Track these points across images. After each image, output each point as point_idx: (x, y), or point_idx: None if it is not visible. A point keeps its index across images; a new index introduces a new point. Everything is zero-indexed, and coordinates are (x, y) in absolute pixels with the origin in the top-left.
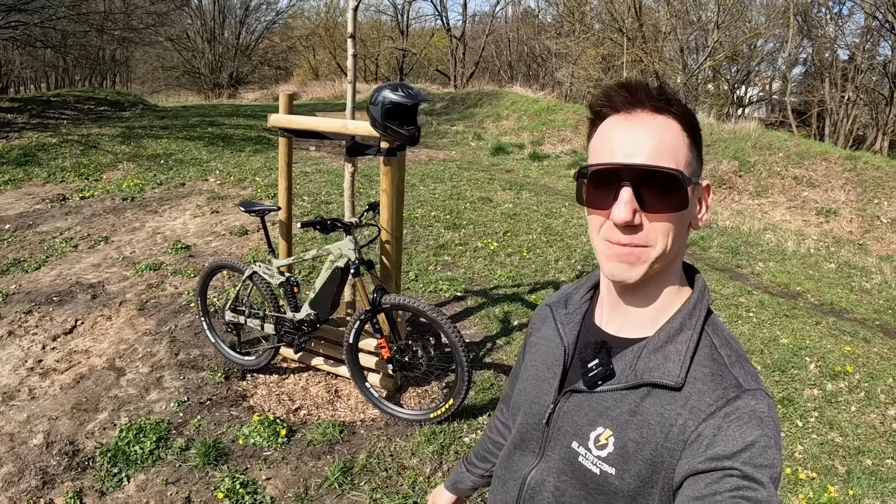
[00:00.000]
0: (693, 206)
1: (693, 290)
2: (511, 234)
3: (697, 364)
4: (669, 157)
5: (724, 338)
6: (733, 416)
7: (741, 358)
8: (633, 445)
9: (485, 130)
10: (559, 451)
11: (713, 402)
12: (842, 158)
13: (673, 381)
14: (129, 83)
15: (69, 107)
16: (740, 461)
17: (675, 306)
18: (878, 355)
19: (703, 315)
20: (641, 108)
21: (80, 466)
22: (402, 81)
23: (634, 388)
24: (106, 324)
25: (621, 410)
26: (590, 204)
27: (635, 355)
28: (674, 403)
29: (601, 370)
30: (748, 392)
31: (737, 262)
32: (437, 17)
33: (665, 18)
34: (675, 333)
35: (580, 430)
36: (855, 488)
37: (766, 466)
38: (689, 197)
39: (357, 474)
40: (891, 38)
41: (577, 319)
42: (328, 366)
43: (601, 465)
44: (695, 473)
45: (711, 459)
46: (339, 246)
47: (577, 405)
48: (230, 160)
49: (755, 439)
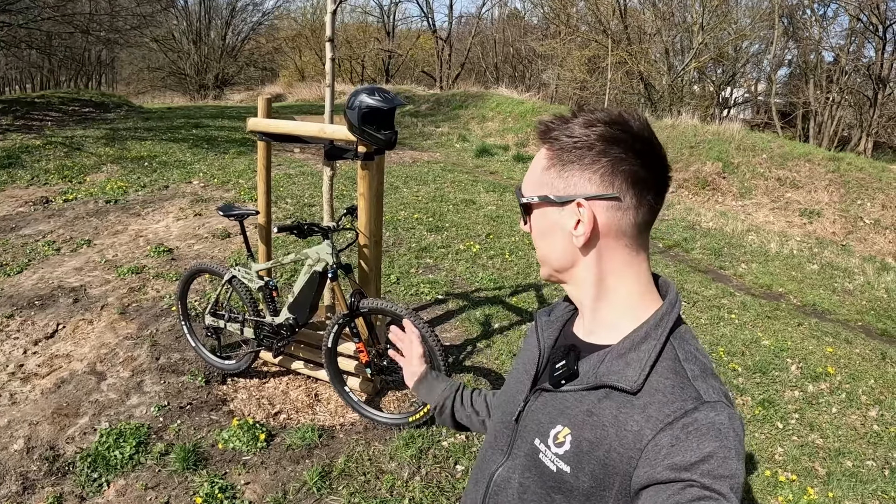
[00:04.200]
0: (558, 224)
1: (664, 301)
2: (494, 237)
3: (658, 374)
4: (527, 184)
5: (689, 351)
6: (691, 427)
7: (705, 372)
8: (587, 445)
9: (469, 132)
10: (524, 448)
11: (671, 413)
12: (825, 160)
13: (629, 386)
14: (115, 84)
15: (54, 108)
16: (698, 473)
17: (643, 318)
18: (860, 356)
19: (668, 327)
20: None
21: (60, 472)
22: (388, 83)
23: (594, 389)
24: (87, 328)
25: (580, 410)
26: None
27: (600, 359)
28: (630, 408)
29: (566, 370)
30: (708, 404)
31: (719, 264)
32: (424, 18)
33: (650, 20)
34: (640, 342)
35: (542, 428)
36: (835, 490)
37: (725, 477)
38: (530, 214)
39: (335, 478)
40: (875, 40)
41: (556, 326)
42: (308, 370)
43: (558, 462)
44: (654, 483)
45: (671, 469)
46: (316, 250)
47: (543, 403)
48: (214, 162)
49: (713, 451)
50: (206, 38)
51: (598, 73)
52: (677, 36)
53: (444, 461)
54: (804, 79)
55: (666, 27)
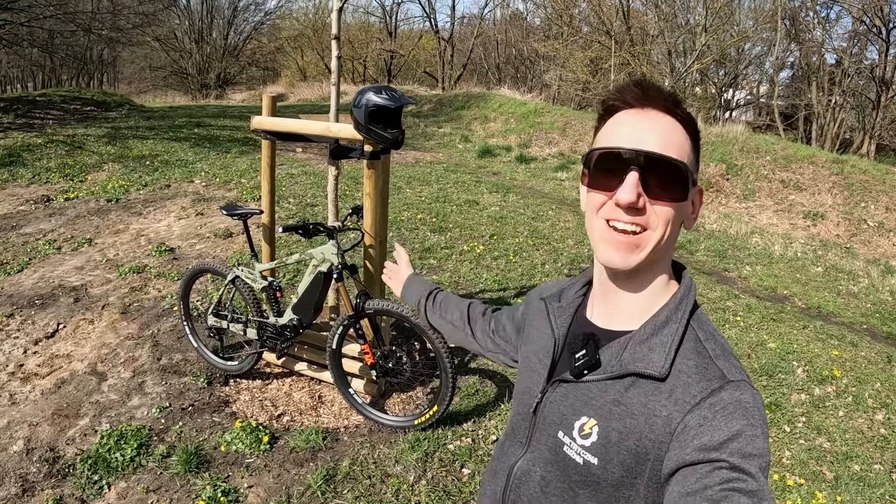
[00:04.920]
0: (689, 204)
1: (680, 285)
2: (497, 238)
3: (682, 357)
4: (675, 150)
5: (709, 332)
6: (718, 406)
7: (725, 351)
8: (616, 435)
9: (472, 132)
10: (545, 441)
11: (698, 394)
12: (829, 162)
13: (657, 372)
14: (117, 83)
15: (55, 107)
16: (728, 451)
17: (663, 301)
18: (866, 359)
19: (688, 309)
20: (652, 106)
21: (60, 473)
22: (389, 83)
23: (619, 377)
24: (88, 328)
25: (605, 400)
26: (593, 184)
27: (622, 346)
28: (658, 394)
29: (587, 360)
30: (732, 383)
31: (724, 266)
32: (426, 18)
33: (653, 22)
34: (661, 326)
35: (565, 420)
36: (843, 494)
37: (754, 456)
38: (689, 192)
39: (340, 482)
40: (878, 42)
41: (569, 313)
42: (312, 371)
43: (584, 454)
44: (684, 465)
45: (699, 450)
46: (321, 250)
47: (564, 395)
48: (216, 161)
49: (741, 429)
50: (208, 38)
51: (601, 74)
52: (680, 37)
53: (450, 464)
54: (806, 81)
55: (669, 29)
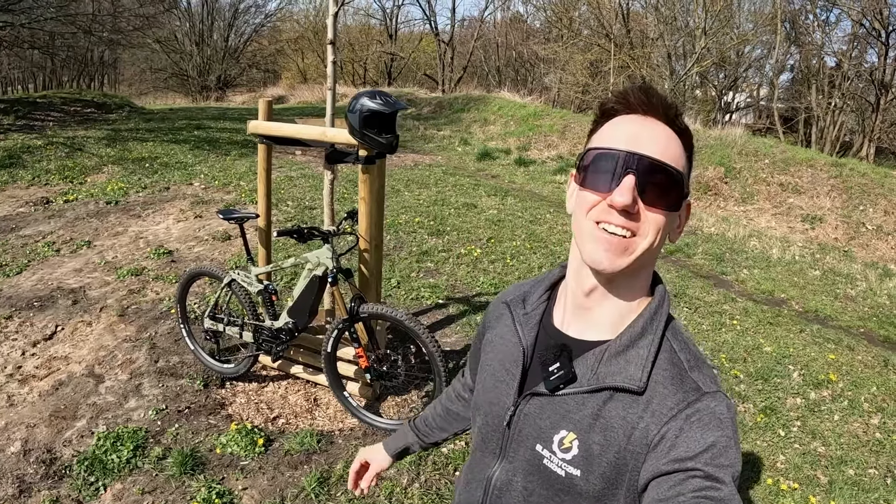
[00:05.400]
0: (678, 216)
1: (654, 296)
2: (495, 241)
3: (658, 368)
4: (673, 160)
5: (683, 342)
6: (694, 417)
7: (699, 361)
8: (597, 448)
9: (471, 135)
10: (523, 454)
11: (674, 406)
12: (827, 165)
13: (635, 386)
14: (117, 85)
15: (55, 108)
16: (702, 461)
17: (638, 311)
18: (863, 363)
19: (663, 319)
20: (654, 114)
21: (56, 475)
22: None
23: (596, 391)
24: (86, 330)
25: (584, 414)
26: (587, 184)
27: (597, 359)
28: (636, 407)
29: (563, 374)
30: (708, 395)
31: (721, 269)
32: (426, 21)
33: (653, 24)
34: (637, 338)
35: (543, 434)
36: (837, 499)
37: (727, 466)
38: (682, 202)
39: (334, 484)
40: (877, 45)
41: (535, 320)
42: (307, 374)
43: (566, 467)
44: (659, 475)
45: (675, 461)
46: (316, 254)
47: (539, 408)
48: (215, 164)
49: (716, 440)
50: (209, 40)
51: (601, 77)
52: (679, 40)
53: (443, 468)
54: (806, 84)
55: (668, 31)
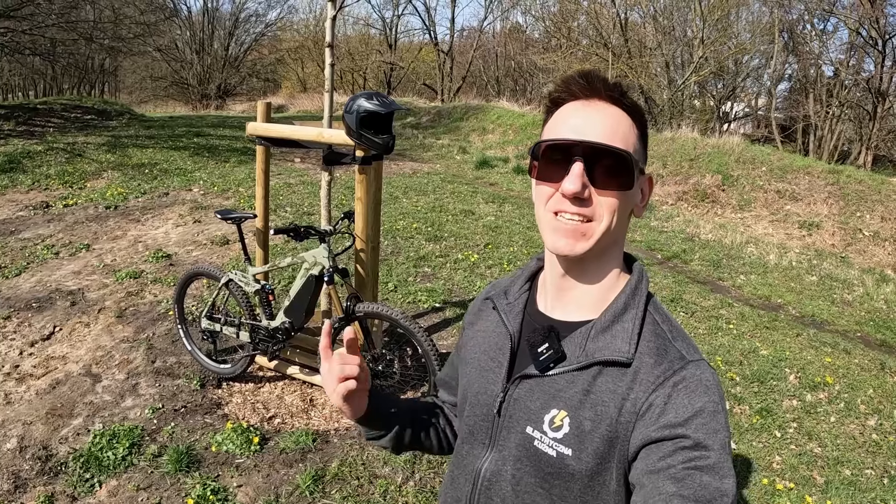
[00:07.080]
0: (636, 193)
1: (632, 273)
2: (492, 247)
3: (643, 340)
4: (620, 140)
5: (664, 315)
6: (681, 385)
7: (680, 333)
8: (588, 424)
9: (470, 144)
10: (514, 439)
11: (661, 374)
12: (824, 172)
13: (624, 358)
14: (118, 92)
15: (56, 115)
16: (692, 427)
17: (618, 289)
18: (859, 366)
19: (644, 294)
20: (598, 97)
21: (52, 471)
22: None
23: (586, 367)
24: (84, 330)
25: (574, 391)
26: (540, 177)
27: (584, 336)
28: (624, 379)
29: (552, 353)
30: (693, 363)
31: (718, 275)
32: (426, 31)
33: (651, 34)
34: (621, 313)
35: (534, 415)
36: (833, 499)
37: (716, 431)
38: (635, 181)
39: (329, 482)
40: (874, 54)
41: (518, 308)
42: (303, 374)
43: (557, 446)
44: (650, 442)
45: (664, 427)
46: (313, 254)
47: (529, 390)
48: (214, 170)
49: (703, 406)
50: (209, 48)
51: None
52: (678, 50)
53: (437, 466)
54: (804, 93)
55: (666, 41)
